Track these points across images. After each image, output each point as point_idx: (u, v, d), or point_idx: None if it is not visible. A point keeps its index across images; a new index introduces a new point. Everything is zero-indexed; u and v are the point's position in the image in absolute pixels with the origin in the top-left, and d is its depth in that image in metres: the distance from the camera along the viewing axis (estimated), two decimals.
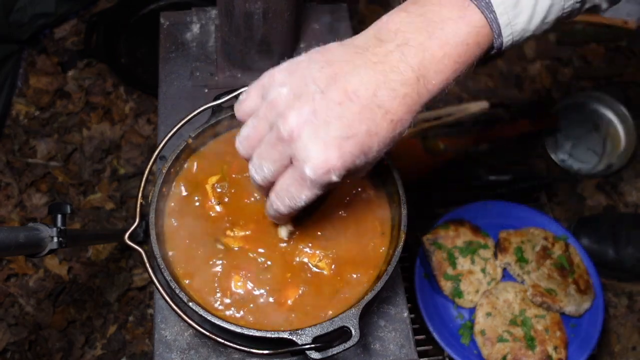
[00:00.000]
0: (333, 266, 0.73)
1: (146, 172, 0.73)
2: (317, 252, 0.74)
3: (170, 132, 0.75)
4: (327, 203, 0.77)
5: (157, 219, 0.72)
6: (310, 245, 0.74)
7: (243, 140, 0.59)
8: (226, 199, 0.77)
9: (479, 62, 0.57)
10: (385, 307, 0.84)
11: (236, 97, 0.77)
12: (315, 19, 1.10)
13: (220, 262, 0.73)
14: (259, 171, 0.57)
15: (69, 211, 0.73)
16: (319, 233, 0.75)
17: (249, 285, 0.72)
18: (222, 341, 0.65)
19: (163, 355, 0.79)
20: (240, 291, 0.71)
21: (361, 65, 0.53)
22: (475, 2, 0.54)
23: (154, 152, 0.75)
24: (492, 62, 1.94)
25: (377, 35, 0.55)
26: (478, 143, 1.65)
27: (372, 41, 0.55)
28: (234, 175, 0.78)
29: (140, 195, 0.73)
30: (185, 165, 0.79)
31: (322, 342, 0.64)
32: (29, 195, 1.65)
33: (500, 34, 0.55)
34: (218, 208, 0.76)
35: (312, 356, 0.62)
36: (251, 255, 0.74)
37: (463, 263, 1.35)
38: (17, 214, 1.62)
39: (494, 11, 0.54)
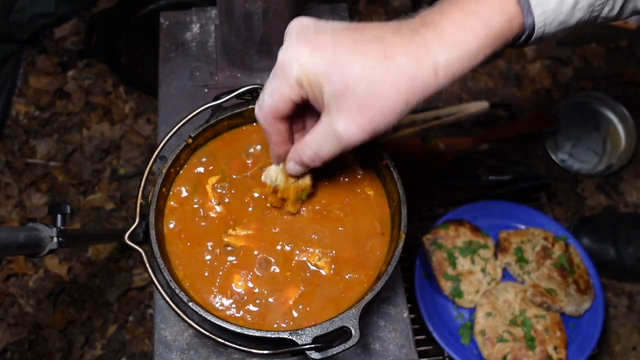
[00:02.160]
0: (333, 266, 0.73)
1: (146, 172, 0.73)
2: (316, 251, 0.74)
3: (170, 132, 0.75)
4: (326, 201, 0.77)
5: (157, 219, 0.72)
6: (309, 243, 0.74)
7: None
8: (226, 200, 0.77)
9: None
10: (385, 307, 0.84)
11: (236, 97, 0.77)
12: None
13: (221, 262, 0.73)
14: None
15: (69, 211, 0.73)
16: (318, 232, 0.75)
17: (250, 284, 0.72)
18: (222, 341, 0.66)
19: (163, 355, 0.79)
20: (241, 291, 0.72)
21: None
22: None
23: (154, 152, 0.75)
24: (493, 62, 1.94)
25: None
26: (478, 143, 1.65)
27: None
28: (234, 176, 0.79)
29: (140, 195, 0.73)
30: (185, 165, 0.79)
31: (322, 342, 0.64)
32: (29, 195, 1.65)
33: (530, 12, 0.55)
34: (218, 208, 0.76)
35: (312, 356, 0.62)
36: (251, 254, 0.74)
37: (463, 263, 1.35)
38: (17, 214, 1.62)
39: None
